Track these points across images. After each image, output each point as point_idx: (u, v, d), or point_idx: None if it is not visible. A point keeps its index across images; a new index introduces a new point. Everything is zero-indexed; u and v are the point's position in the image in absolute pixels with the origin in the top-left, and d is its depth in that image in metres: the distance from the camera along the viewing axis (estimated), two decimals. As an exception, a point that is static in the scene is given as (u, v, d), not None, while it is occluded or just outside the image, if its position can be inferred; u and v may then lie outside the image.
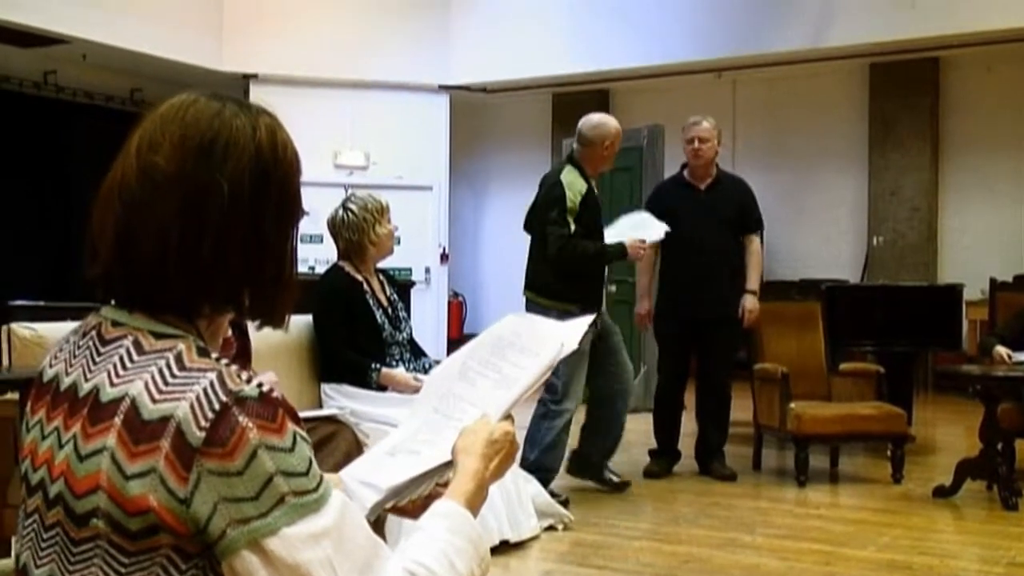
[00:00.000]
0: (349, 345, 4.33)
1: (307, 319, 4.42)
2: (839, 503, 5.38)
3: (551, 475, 5.15)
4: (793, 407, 5.64)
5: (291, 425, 1.12)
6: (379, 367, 4.28)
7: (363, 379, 4.28)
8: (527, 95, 11.99)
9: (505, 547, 4.20)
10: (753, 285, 5.85)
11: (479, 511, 1.33)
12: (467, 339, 1.58)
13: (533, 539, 4.39)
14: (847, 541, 4.47)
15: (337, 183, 10.02)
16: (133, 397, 1.11)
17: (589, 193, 5.18)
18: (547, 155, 11.94)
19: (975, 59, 10.30)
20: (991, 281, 6.85)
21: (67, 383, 1.20)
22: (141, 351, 1.16)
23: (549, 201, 5.16)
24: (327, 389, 4.35)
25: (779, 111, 11.32)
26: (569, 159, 5.33)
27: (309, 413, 3.90)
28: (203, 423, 1.08)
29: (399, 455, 1.45)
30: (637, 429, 8.05)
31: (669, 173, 6.97)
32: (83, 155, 10.04)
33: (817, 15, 9.77)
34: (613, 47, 10.58)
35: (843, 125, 11.05)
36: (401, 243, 5.79)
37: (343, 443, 3.72)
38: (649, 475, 5.84)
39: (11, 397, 3.37)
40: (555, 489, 5.05)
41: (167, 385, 1.11)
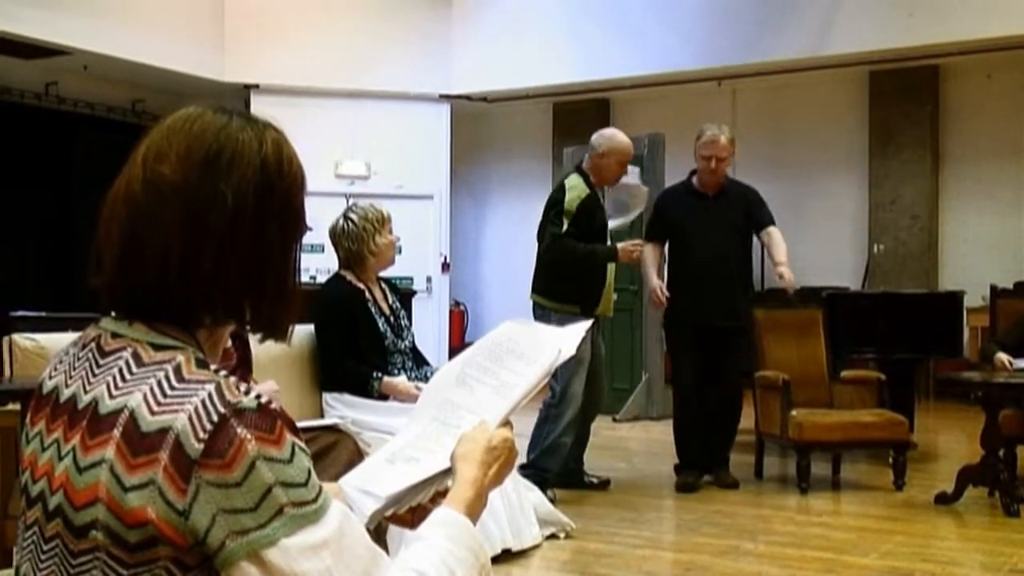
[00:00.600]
0: (351, 354, 4.31)
1: (308, 329, 4.41)
2: (841, 510, 5.37)
3: (546, 475, 5.22)
4: (795, 415, 5.63)
5: (289, 436, 1.12)
6: (380, 376, 4.26)
7: (364, 388, 4.25)
8: (528, 104, 11.99)
9: (507, 555, 4.20)
10: (782, 257, 5.68)
11: (479, 518, 1.32)
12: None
13: (535, 547, 4.38)
14: (849, 548, 4.46)
15: (338, 193, 10.03)
16: (132, 409, 1.12)
17: (589, 198, 5.38)
18: (548, 164, 11.95)
19: (975, 66, 10.29)
20: (992, 288, 6.85)
21: (67, 395, 1.20)
22: (140, 363, 1.16)
23: (549, 203, 5.48)
24: (328, 398, 4.34)
25: (779, 120, 11.32)
26: (577, 168, 5.60)
27: (310, 423, 3.90)
28: (201, 435, 1.08)
29: (398, 463, 1.45)
30: (637, 437, 8.06)
31: (670, 182, 6.95)
32: (84, 166, 10.05)
33: (817, 24, 9.78)
34: (613, 56, 10.59)
35: (843, 133, 11.04)
36: (402, 252, 5.82)
37: (344, 453, 3.72)
38: (683, 489, 5.64)
39: (12, 408, 3.38)
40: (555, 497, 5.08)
41: (165, 397, 1.12)
